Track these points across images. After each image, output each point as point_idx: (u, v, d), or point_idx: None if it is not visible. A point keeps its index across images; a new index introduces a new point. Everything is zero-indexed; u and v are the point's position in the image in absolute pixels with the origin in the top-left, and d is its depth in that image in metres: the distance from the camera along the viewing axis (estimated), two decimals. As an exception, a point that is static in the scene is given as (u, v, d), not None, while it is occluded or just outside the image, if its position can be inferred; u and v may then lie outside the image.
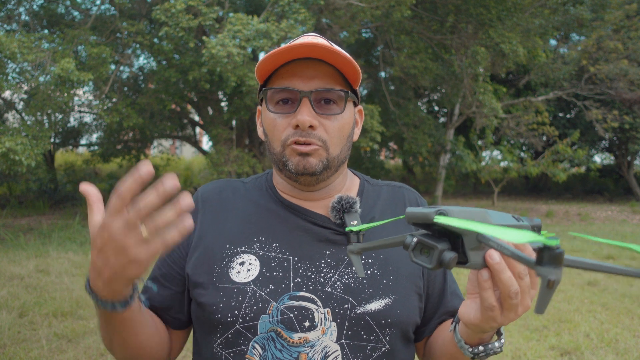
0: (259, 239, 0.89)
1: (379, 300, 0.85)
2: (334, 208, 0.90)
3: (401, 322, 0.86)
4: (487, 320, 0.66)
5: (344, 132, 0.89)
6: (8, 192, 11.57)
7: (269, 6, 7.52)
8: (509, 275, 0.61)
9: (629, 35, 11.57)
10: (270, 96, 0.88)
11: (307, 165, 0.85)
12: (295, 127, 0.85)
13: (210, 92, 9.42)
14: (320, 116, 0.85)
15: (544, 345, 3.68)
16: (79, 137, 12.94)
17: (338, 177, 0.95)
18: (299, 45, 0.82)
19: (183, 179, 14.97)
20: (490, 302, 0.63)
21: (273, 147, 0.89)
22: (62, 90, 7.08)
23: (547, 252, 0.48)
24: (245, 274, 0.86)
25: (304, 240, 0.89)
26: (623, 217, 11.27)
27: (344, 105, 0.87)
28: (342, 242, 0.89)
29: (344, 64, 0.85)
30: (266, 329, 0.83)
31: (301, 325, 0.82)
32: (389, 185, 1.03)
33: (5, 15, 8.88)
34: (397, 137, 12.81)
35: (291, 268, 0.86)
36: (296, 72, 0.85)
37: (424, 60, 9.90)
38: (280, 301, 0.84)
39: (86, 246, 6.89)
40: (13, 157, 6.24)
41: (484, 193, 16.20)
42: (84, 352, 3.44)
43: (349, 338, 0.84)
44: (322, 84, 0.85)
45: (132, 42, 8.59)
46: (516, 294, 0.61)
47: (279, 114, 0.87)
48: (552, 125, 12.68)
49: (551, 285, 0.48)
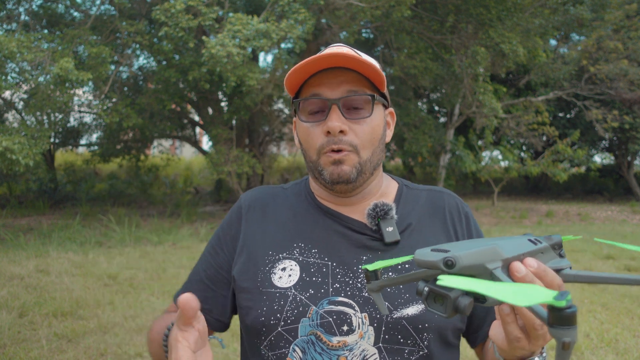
0: (299, 244, 0.93)
1: (415, 305, 0.86)
2: (369, 215, 0.92)
3: (439, 327, 0.86)
4: (516, 350, 0.64)
5: (374, 135, 0.91)
6: (8, 192, 11.57)
7: (268, 6, 7.51)
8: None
9: (629, 35, 11.57)
10: (301, 107, 0.91)
11: (341, 173, 0.88)
12: (327, 134, 0.87)
13: (210, 92, 9.41)
14: (350, 121, 0.88)
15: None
16: (78, 137, 12.94)
17: (373, 180, 0.97)
18: (325, 56, 0.85)
19: (183, 179, 14.98)
20: (515, 335, 0.61)
21: (309, 155, 0.92)
22: (62, 90, 7.07)
23: (557, 313, 0.44)
24: (287, 279, 0.89)
25: (342, 246, 0.92)
26: (623, 217, 11.27)
27: (372, 108, 0.89)
28: (379, 247, 0.91)
29: (368, 69, 0.87)
30: (306, 332, 0.85)
31: (340, 329, 0.84)
32: (429, 190, 1.03)
33: (5, 15, 8.87)
34: (397, 137, 12.81)
35: (330, 273, 0.89)
36: (323, 82, 0.88)
37: (424, 60, 9.91)
38: (320, 305, 0.86)
39: (86, 246, 6.89)
40: (10, 157, 6.24)
41: (484, 193, 16.20)
42: (84, 352, 3.44)
43: (386, 342, 0.85)
44: (349, 90, 0.88)
45: (132, 42, 8.59)
46: (541, 326, 0.59)
47: (311, 123, 0.90)
48: (552, 125, 12.68)
49: (567, 347, 0.45)
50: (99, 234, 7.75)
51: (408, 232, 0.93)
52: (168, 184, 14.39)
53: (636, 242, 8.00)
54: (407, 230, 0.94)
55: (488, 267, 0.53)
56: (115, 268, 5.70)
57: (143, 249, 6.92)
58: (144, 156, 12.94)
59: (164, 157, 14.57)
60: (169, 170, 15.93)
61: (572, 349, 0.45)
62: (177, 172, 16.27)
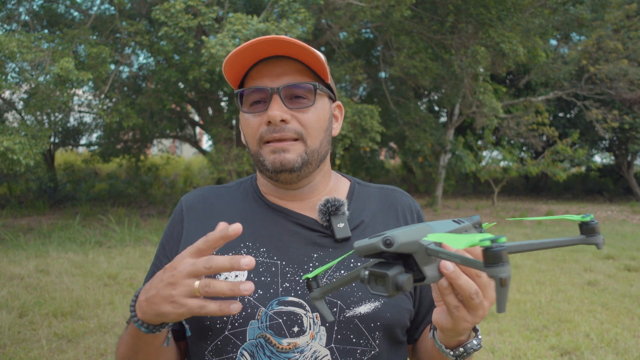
0: (246, 244, 0.89)
1: (368, 303, 0.84)
2: (321, 210, 0.89)
3: (390, 325, 0.86)
4: (459, 322, 0.67)
5: (320, 123, 0.88)
6: (8, 192, 11.57)
7: (268, 6, 7.52)
8: (465, 279, 0.63)
9: (629, 35, 11.57)
10: (244, 99, 0.88)
11: (283, 161, 0.85)
12: (268, 124, 0.84)
13: (210, 91, 9.41)
14: (292, 110, 0.85)
15: (544, 345, 3.68)
16: (78, 137, 12.94)
17: (319, 173, 0.94)
18: (263, 40, 0.81)
19: (183, 178, 14.97)
20: (454, 304, 0.65)
21: (250, 147, 0.89)
22: (62, 90, 7.07)
23: (489, 252, 0.50)
24: (233, 280, 0.84)
25: (291, 244, 0.89)
26: (623, 217, 11.27)
27: (314, 97, 0.87)
28: (330, 244, 0.89)
29: (310, 58, 0.85)
30: (255, 335, 0.82)
31: (290, 330, 0.82)
32: (382, 189, 1.02)
33: (5, 15, 8.87)
34: (397, 137, 12.81)
35: (279, 273, 0.86)
36: (264, 72, 0.86)
37: (424, 60, 9.90)
38: (269, 306, 0.83)
39: (86, 246, 6.89)
40: (11, 157, 6.24)
41: (484, 193, 16.20)
42: (84, 352, 3.44)
43: (338, 342, 0.83)
44: (290, 80, 0.85)
45: (132, 41, 8.59)
46: (477, 294, 0.63)
47: (252, 113, 0.87)
48: (552, 126, 12.69)
49: (504, 283, 0.49)
50: (99, 234, 7.75)
51: (360, 229, 0.92)
52: (168, 184, 14.38)
53: (636, 242, 8.01)
54: (359, 228, 0.92)
55: (422, 243, 0.58)
56: (115, 268, 5.70)
57: (143, 249, 6.92)
58: (143, 156, 12.94)
59: (164, 157, 14.58)
60: (169, 170, 15.93)
61: (509, 285, 0.50)
62: (177, 172, 16.26)
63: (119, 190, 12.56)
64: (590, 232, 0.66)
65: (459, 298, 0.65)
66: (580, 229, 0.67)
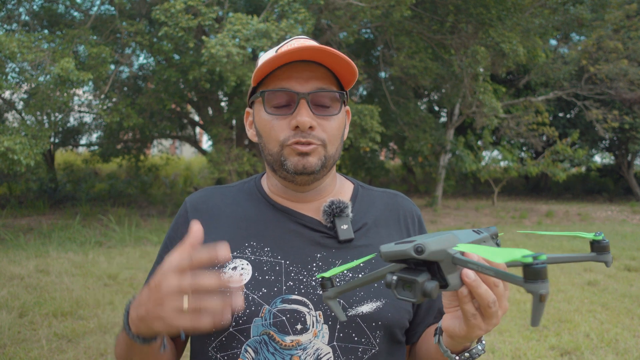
0: (251, 243, 0.90)
1: (370, 302, 0.86)
2: (325, 212, 0.91)
3: (391, 325, 0.87)
4: (473, 330, 0.68)
5: (340, 131, 0.90)
6: (8, 192, 11.57)
7: (268, 6, 7.52)
8: (485, 288, 0.64)
9: (629, 35, 11.56)
10: (267, 98, 0.87)
11: (306, 164, 0.86)
12: (295, 129, 0.85)
13: (210, 91, 9.41)
14: (318, 117, 0.86)
15: (544, 345, 3.68)
16: (78, 137, 12.94)
17: (329, 177, 0.96)
18: (299, 48, 0.82)
19: (183, 178, 14.97)
20: (472, 312, 0.67)
21: (269, 148, 0.89)
22: (62, 90, 7.08)
23: (530, 269, 0.51)
24: (238, 279, 0.86)
25: (295, 244, 0.90)
26: (623, 217, 11.27)
27: (340, 106, 0.88)
28: (333, 245, 0.90)
29: (341, 66, 0.85)
30: (259, 332, 0.83)
31: (293, 328, 0.83)
32: (384, 192, 1.03)
33: (5, 15, 8.87)
34: (397, 137, 12.81)
35: (283, 272, 0.87)
36: (292, 74, 0.86)
37: (424, 60, 9.90)
38: (273, 304, 0.84)
39: (86, 246, 6.89)
40: (12, 157, 6.25)
41: (484, 193, 16.20)
42: (84, 352, 3.44)
43: (340, 340, 0.84)
44: (318, 85, 0.86)
45: (132, 42, 8.59)
46: (494, 303, 0.65)
47: (276, 115, 0.87)
48: (552, 126, 12.69)
49: (543, 299, 0.51)
50: (99, 234, 7.75)
51: (363, 232, 0.93)
52: (168, 184, 14.38)
53: (636, 242, 8.00)
54: (362, 230, 0.93)
55: (449, 252, 0.59)
56: (115, 268, 5.70)
57: (143, 249, 6.92)
58: (143, 156, 12.94)
59: (163, 157, 14.57)
60: (168, 170, 15.93)
61: (546, 301, 0.51)
62: (177, 172, 16.26)
63: (119, 190, 12.56)
64: (601, 250, 0.69)
65: (476, 306, 0.67)
66: (592, 247, 0.69)
